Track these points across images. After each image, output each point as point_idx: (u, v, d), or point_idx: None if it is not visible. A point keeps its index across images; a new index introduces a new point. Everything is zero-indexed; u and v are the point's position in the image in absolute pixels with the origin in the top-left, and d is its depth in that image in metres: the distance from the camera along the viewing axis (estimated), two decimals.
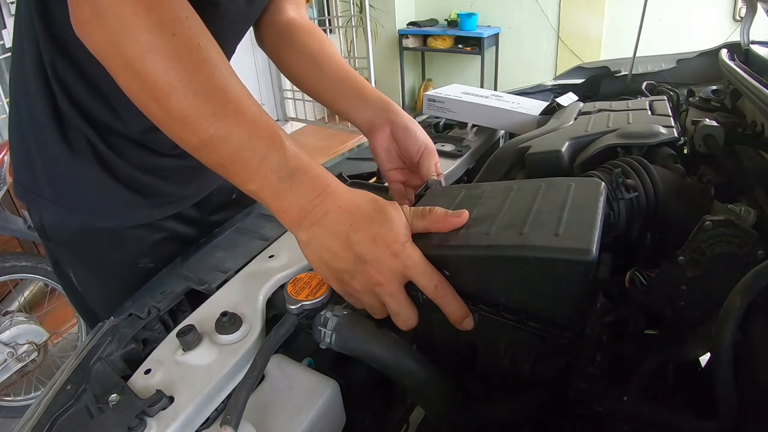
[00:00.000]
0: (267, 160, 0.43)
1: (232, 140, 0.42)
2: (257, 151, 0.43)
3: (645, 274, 0.50)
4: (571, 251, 0.40)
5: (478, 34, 4.08)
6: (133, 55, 0.40)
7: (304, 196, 0.44)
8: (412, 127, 0.66)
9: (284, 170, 0.43)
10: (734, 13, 3.35)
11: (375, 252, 0.43)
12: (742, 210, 0.46)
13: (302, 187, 0.44)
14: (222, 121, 0.42)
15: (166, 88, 0.40)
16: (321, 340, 0.46)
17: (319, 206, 0.44)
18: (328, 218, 0.44)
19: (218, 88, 0.42)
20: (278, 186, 0.44)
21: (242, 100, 0.43)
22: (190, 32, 0.41)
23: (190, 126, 0.42)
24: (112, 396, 0.42)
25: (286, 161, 0.43)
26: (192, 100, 0.41)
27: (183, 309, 0.58)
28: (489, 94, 1.07)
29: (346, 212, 0.44)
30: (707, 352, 0.46)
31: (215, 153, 0.43)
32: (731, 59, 0.93)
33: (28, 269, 1.75)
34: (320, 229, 0.44)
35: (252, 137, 0.43)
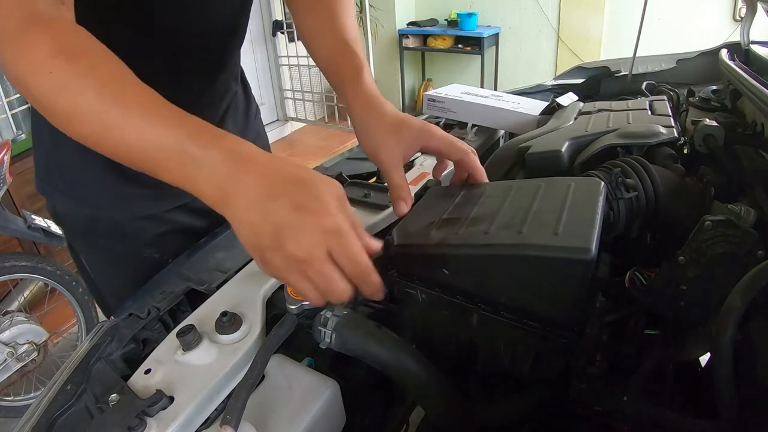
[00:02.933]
0: (162, 151, 0.41)
1: (128, 138, 0.42)
2: (152, 144, 0.41)
3: (645, 274, 0.50)
4: (571, 250, 0.40)
5: (478, 34, 4.08)
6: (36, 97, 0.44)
7: (213, 176, 0.40)
8: None
9: (185, 155, 0.41)
10: (734, 13, 3.35)
11: (295, 222, 0.38)
12: (742, 210, 0.46)
13: (206, 167, 0.40)
14: (112, 130, 0.42)
15: (64, 116, 0.44)
16: (321, 340, 0.46)
17: (233, 177, 0.40)
18: (243, 186, 0.39)
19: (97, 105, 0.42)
20: (184, 171, 0.41)
21: (118, 108, 0.42)
22: (62, 71, 0.42)
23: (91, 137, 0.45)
24: (112, 396, 0.42)
25: (182, 146, 0.40)
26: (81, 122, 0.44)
27: (183, 309, 0.58)
28: (489, 94, 1.07)
29: (264, 178, 0.39)
30: (707, 352, 0.46)
31: (124, 150, 0.44)
32: (731, 59, 0.93)
33: (28, 269, 1.75)
34: (238, 201, 0.39)
35: (145, 132, 0.41)
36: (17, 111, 2.31)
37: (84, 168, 0.70)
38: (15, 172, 1.93)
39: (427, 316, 0.51)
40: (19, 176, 2.09)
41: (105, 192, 0.72)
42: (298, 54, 3.92)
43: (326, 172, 0.87)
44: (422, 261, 0.49)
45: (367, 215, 0.68)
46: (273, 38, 4.15)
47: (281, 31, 4.08)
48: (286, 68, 4.18)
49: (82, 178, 0.71)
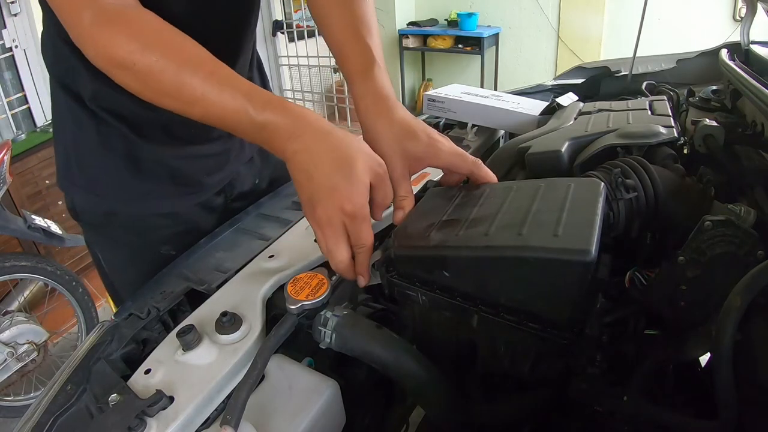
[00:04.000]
0: (240, 125, 0.50)
1: (208, 110, 0.50)
2: (230, 116, 0.50)
3: (645, 274, 0.51)
4: (571, 252, 0.40)
5: (478, 34, 4.08)
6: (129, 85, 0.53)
7: (279, 142, 0.49)
8: None
9: (255, 127, 0.50)
10: (734, 13, 3.35)
11: (326, 198, 0.47)
12: (742, 210, 0.46)
13: (274, 136, 0.50)
14: (193, 107, 0.51)
15: (153, 99, 0.53)
16: (321, 340, 0.46)
17: (292, 145, 0.49)
18: (299, 157, 0.49)
19: (176, 86, 0.50)
20: (258, 137, 0.51)
21: (200, 86, 0.50)
22: (142, 63, 0.50)
23: (179, 104, 0.52)
24: (112, 396, 0.42)
25: (252, 123, 0.49)
26: (166, 99, 0.52)
27: (183, 309, 0.58)
28: (489, 94, 1.07)
29: (315, 153, 0.48)
30: (707, 352, 0.46)
31: (205, 116, 0.51)
32: (731, 59, 0.93)
33: (28, 269, 1.75)
34: (295, 163, 0.49)
35: (222, 106, 0.50)
36: (17, 111, 2.31)
37: (103, 165, 0.72)
38: (15, 172, 1.93)
39: (427, 317, 0.51)
40: (19, 176, 2.09)
41: (123, 188, 0.73)
42: (298, 54, 3.93)
43: None
44: (422, 263, 0.49)
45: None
46: (273, 38, 4.15)
47: (281, 31, 4.08)
48: (286, 68, 4.18)
49: (101, 175, 0.72)
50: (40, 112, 2.37)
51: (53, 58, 0.69)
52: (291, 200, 0.78)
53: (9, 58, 2.28)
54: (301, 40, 3.97)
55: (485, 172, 0.58)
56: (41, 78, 2.35)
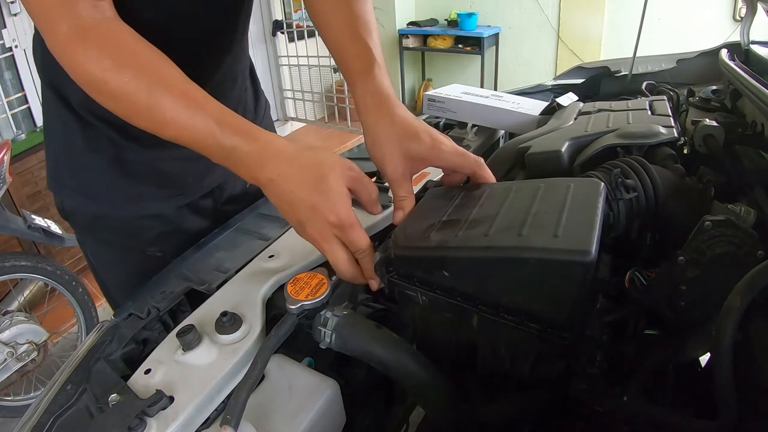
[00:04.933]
0: (208, 149, 0.51)
1: (178, 132, 0.50)
2: (200, 140, 0.50)
3: (645, 274, 0.51)
4: (571, 252, 0.40)
5: (478, 34, 4.08)
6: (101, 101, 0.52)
7: (247, 169, 0.50)
8: None
9: (223, 152, 0.50)
10: (734, 13, 3.35)
11: (311, 218, 0.49)
12: (742, 210, 0.46)
13: (242, 163, 0.50)
14: (164, 128, 0.51)
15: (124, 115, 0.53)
16: (321, 340, 0.46)
17: (263, 174, 0.49)
18: (274, 185, 0.49)
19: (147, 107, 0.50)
20: (226, 163, 0.51)
21: (171, 109, 0.50)
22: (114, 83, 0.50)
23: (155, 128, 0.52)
24: (112, 396, 0.42)
25: (221, 148, 0.50)
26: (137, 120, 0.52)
27: (183, 309, 0.58)
28: (489, 94, 1.07)
29: (287, 179, 0.49)
30: (707, 352, 0.46)
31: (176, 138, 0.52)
32: (731, 59, 0.93)
33: (28, 269, 1.75)
34: (271, 191, 0.50)
35: (191, 129, 0.50)
36: (17, 111, 2.31)
37: (92, 167, 0.72)
38: (15, 172, 1.93)
39: (427, 318, 0.51)
40: (19, 176, 2.09)
41: (111, 191, 0.74)
42: (298, 54, 3.93)
43: None
44: (422, 263, 0.49)
45: (368, 215, 0.68)
46: (273, 38, 4.15)
47: (281, 31, 4.08)
48: (286, 68, 4.18)
49: (89, 177, 0.73)
50: (40, 112, 2.37)
51: (43, 63, 0.69)
52: None
53: (9, 58, 2.28)
54: (301, 40, 3.97)
55: (487, 173, 0.58)
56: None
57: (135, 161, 0.73)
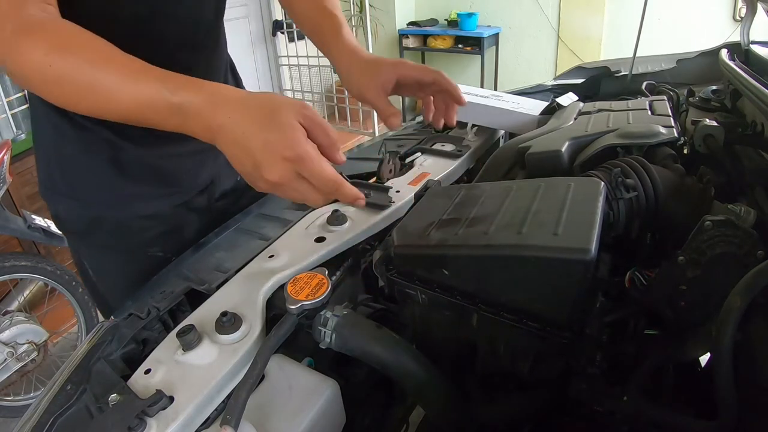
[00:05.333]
0: (158, 113, 0.50)
1: (124, 103, 0.50)
2: (147, 104, 0.49)
3: (645, 274, 0.51)
4: (570, 251, 0.40)
5: (478, 34, 4.08)
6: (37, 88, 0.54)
7: (199, 121, 0.49)
8: None
9: (173, 110, 0.49)
10: (734, 13, 3.35)
11: (266, 157, 0.46)
12: (742, 210, 0.46)
13: (193, 116, 0.49)
14: (110, 104, 0.51)
15: (71, 98, 0.53)
16: (321, 340, 0.46)
17: (214, 120, 0.48)
18: (225, 130, 0.48)
19: (91, 84, 0.50)
20: (178, 121, 0.50)
21: (115, 81, 0.50)
22: (57, 64, 0.50)
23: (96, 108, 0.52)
24: (112, 396, 0.42)
25: (170, 106, 0.49)
26: (83, 101, 0.52)
27: (183, 309, 0.58)
28: (489, 94, 1.07)
29: (238, 121, 0.47)
30: (707, 352, 0.46)
31: (123, 112, 0.51)
32: (731, 59, 0.93)
33: (28, 269, 1.75)
34: (223, 139, 0.48)
35: (136, 95, 0.49)
36: (17, 111, 2.30)
37: (86, 170, 0.72)
38: (15, 172, 1.93)
39: (427, 317, 0.51)
40: (19, 176, 2.09)
41: (107, 192, 0.74)
42: (297, 54, 3.92)
43: None
44: (422, 261, 0.49)
45: (367, 215, 0.68)
46: (273, 38, 4.15)
47: (281, 31, 4.07)
48: (286, 68, 4.17)
49: (84, 181, 0.73)
50: None
51: None
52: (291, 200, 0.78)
53: None
54: (301, 40, 3.96)
55: (449, 81, 0.71)
56: None
57: (130, 161, 0.73)
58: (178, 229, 0.80)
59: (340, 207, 0.69)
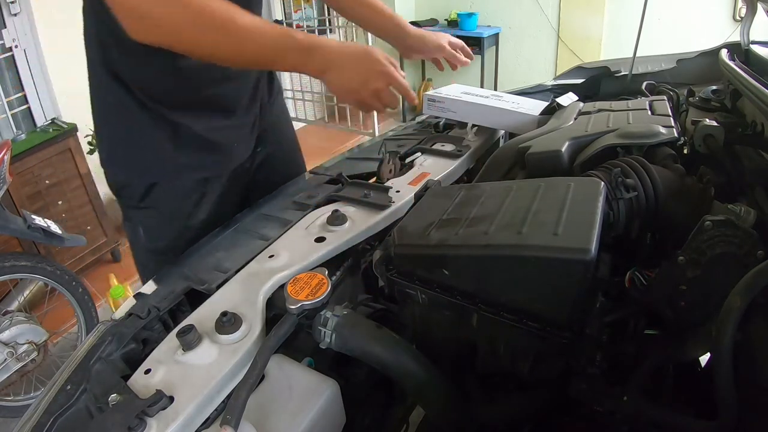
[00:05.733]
0: (284, 50, 0.67)
1: (259, 42, 0.65)
2: (280, 45, 0.67)
3: (645, 274, 0.51)
4: (570, 251, 0.40)
5: (478, 34, 4.07)
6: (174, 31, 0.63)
7: (319, 56, 0.69)
8: None
9: (300, 47, 0.68)
10: (734, 13, 3.34)
11: (371, 74, 0.71)
12: (742, 210, 0.46)
13: (315, 54, 0.69)
14: (243, 41, 0.65)
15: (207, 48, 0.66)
16: (321, 340, 0.46)
17: (331, 55, 0.70)
18: (341, 65, 0.70)
19: (229, 18, 0.63)
20: (302, 58, 0.68)
21: (254, 26, 0.65)
22: None
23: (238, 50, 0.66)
24: (112, 396, 0.42)
25: (299, 42, 0.67)
26: (218, 35, 0.64)
27: (183, 309, 0.58)
28: (489, 94, 1.07)
29: (348, 54, 0.71)
30: (707, 352, 0.46)
31: (259, 59, 0.69)
32: (731, 59, 0.93)
33: (28, 269, 1.74)
34: (333, 77, 0.71)
35: (273, 40, 0.66)
36: (17, 111, 2.30)
37: (146, 143, 0.80)
38: (15, 172, 1.93)
39: (427, 317, 0.51)
40: (19, 176, 2.09)
41: (163, 162, 0.82)
42: None
43: (326, 172, 0.87)
44: (422, 261, 0.49)
45: (367, 215, 0.68)
46: None
47: None
48: None
49: (144, 152, 0.81)
50: (40, 112, 2.37)
51: (99, 49, 0.75)
52: (291, 200, 0.78)
53: (9, 58, 2.28)
54: None
55: (450, 53, 1.02)
56: (41, 78, 2.35)
57: (184, 134, 0.81)
58: (223, 195, 0.89)
59: (340, 207, 0.69)
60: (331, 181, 0.83)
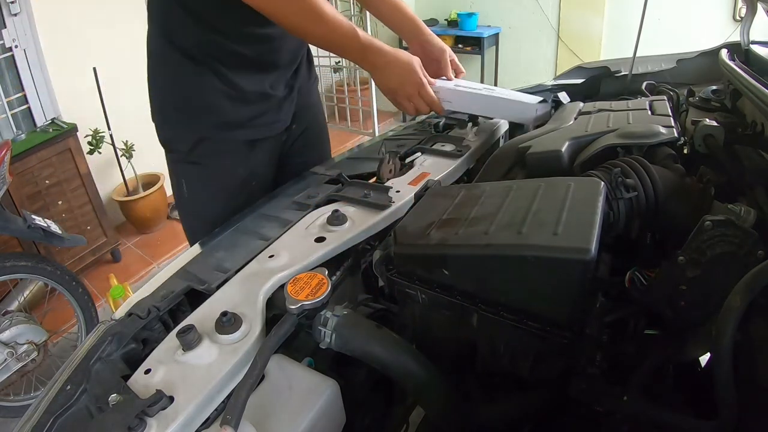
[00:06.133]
0: (348, 44, 0.83)
1: (339, 32, 0.81)
2: (346, 36, 0.82)
3: (645, 274, 0.51)
4: (570, 250, 0.40)
5: (478, 34, 4.07)
6: None
7: (372, 57, 0.84)
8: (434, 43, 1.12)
9: (360, 46, 0.83)
10: (734, 13, 3.34)
11: (407, 79, 0.87)
12: (742, 210, 0.46)
13: (369, 54, 0.84)
14: (318, 24, 0.79)
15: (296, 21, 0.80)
16: (321, 340, 0.46)
17: (381, 58, 0.85)
18: (386, 67, 0.86)
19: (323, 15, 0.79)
20: (359, 55, 0.84)
21: (338, 22, 0.81)
22: None
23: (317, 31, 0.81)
24: (112, 396, 0.42)
25: (360, 42, 0.82)
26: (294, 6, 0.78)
27: (183, 309, 0.58)
28: (482, 87, 1.05)
29: (394, 60, 0.86)
30: (707, 352, 0.46)
31: (328, 46, 0.84)
32: (731, 59, 0.93)
33: (28, 269, 1.74)
34: (382, 68, 0.86)
35: (342, 35, 0.81)
36: (17, 111, 2.30)
37: (197, 98, 0.89)
38: (15, 172, 1.93)
39: (427, 317, 0.51)
40: (19, 176, 2.09)
41: (212, 119, 0.90)
42: None
43: (326, 172, 0.87)
44: (422, 261, 0.49)
45: (367, 215, 0.68)
46: None
47: None
48: None
49: (194, 107, 0.90)
50: (40, 111, 2.37)
51: (162, 17, 0.86)
52: (291, 200, 0.78)
53: (9, 58, 2.28)
54: None
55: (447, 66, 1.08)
56: (41, 78, 2.35)
57: (238, 94, 0.90)
58: (265, 155, 0.98)
59: (340, 207, 0.69)
60: (331, 181, 0.83)
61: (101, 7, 2.50)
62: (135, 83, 2.58)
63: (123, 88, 2.49)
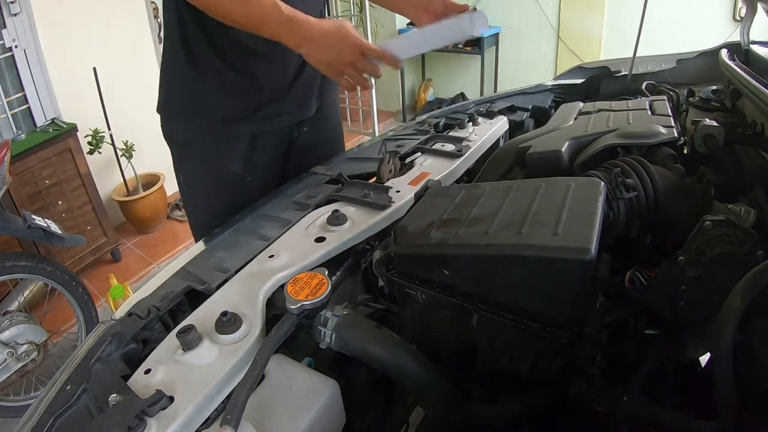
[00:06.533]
0: (270, 20, 0.75)
1: (255, 11, 0.75)
2: (266, 14, 0.75)
3: (645, 274, 0.51)
4: (570, 250, 0.40)
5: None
6: None
7: (298, 30, 0.75)
8: None
9: (284, 19, 0.74)
10: (734, 13, 3.34)
11: (344, 47, 0.75)
12: (742, 210, 0.46)
13: (295, 26, 0.75)
14: (243, 4, 0.75)
15: None
16: (321, 340, 0.46)
17: (309, 31, 0.75)
18: (318, 39, 0.75)
19: None
20: (284, 28, 0.75)
21: None
22: None
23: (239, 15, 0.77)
24: (112, 396, 0.42)
25: (284, 14, 0.74)
26: None
27: (183, 309, 0.58)
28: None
29: (326, 34, 0.75)
30: (707, 352, 0.46)
31: (247, 23, 0.77)
32: (731, 59, 0.93)
33: (28, 269, 1.74)
34: (311, 45, 0.76)
35: (261, 8, 0.75)
36: (17, 111, 2.30)
37: (198, 93, 0.90)
38: (15, 172, 1.93)
39: (427, 317, 0.51)
40: (19, 176, 2.09)
41: (211, 111, 0.91)
42: None
43: (326, 172, 0.87)
44: (422, 261, 0.49)
45: (367, 215, 0.68)
46: None
47: None
48: None
49: (195, 101, 0.91)
50: (40, 111, 2.37)
51: (176, 16, 0.88)
52: (291, 200, 0.78)
53: (9, 58, 2.27)
54: None
55: None
56: (41, 78, 2.34)
57: (233, 90, 0.90)
58: (264, 153, 0.97)
59: (340, 207, 0.69)
60: (331, 181, 0.83)
61: (101, 8, 2.49)
62: (135, 83, 2.59)
63: (123, 88, 2.49)
